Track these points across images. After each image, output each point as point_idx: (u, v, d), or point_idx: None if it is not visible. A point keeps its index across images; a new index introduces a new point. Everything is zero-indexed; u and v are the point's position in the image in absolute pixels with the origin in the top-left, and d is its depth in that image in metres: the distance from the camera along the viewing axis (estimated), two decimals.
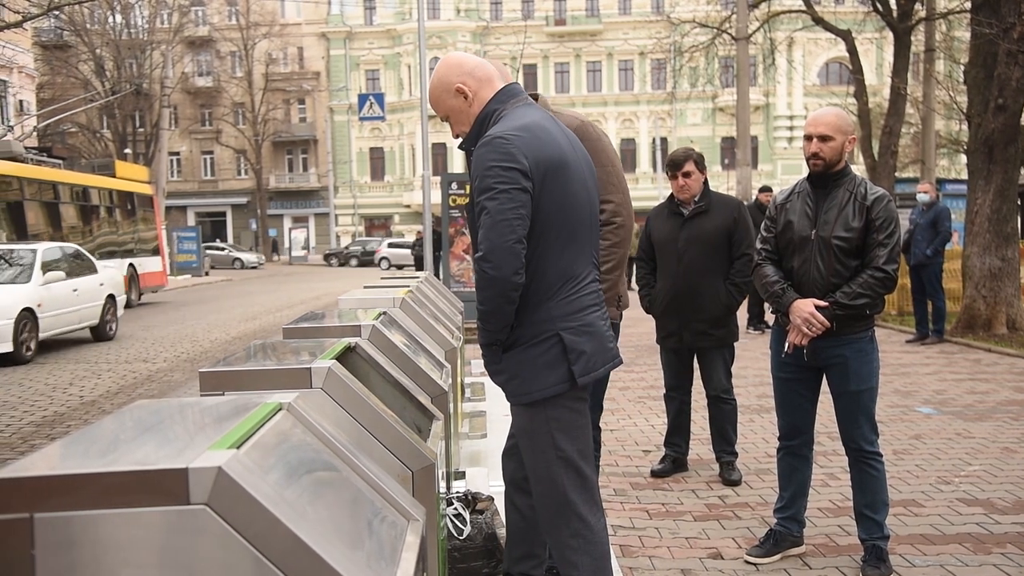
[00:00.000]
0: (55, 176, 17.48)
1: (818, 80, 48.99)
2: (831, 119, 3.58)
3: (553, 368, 2.53)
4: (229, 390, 2.15)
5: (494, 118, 2.60)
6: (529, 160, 2.45)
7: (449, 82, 2.65)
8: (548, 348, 2.52)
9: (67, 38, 41.44)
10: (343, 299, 4.67)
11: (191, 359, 10.66)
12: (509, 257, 2.41)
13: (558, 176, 2.51)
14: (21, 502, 1.19)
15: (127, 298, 19.37)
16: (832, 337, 3.56)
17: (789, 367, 3.71)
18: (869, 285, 3.48)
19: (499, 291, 2.44)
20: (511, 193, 2.42)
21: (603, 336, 2.62)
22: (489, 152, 2.46)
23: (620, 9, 51.72)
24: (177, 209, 50.27)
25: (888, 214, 3.52)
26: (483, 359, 2.66)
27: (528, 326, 2.53)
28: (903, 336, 11.20)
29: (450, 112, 2.69)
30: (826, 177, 3.61)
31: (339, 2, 52.42)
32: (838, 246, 3.53)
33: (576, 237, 2.58)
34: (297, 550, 1.23)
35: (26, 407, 7.77)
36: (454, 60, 2.71)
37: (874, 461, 3.64)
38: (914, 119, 23.23)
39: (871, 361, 3.61)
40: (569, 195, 2.55)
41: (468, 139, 2.68)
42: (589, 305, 2.60)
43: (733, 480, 4.91)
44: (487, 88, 2.65)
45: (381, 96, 20.05)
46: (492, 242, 2.41)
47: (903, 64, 15.88)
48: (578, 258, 2.59)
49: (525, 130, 2.50)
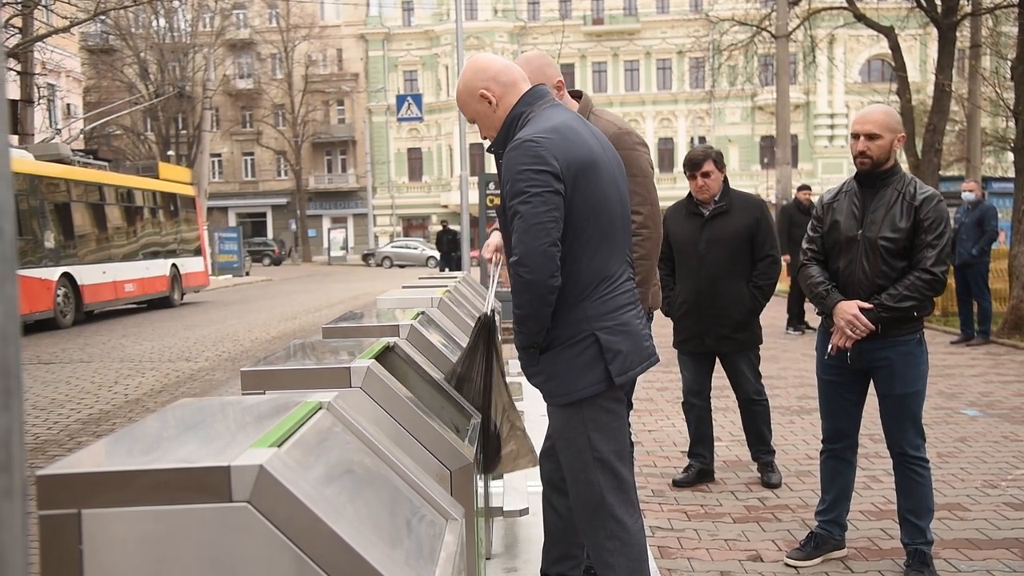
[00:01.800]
0: (101, 178, 17.80)
1: (860, 78, 48.30)
2: (879, 116, 3.50)
3: (590, 368, 2.52)
4: (270, 389, 2.17)
5: (522, 121, 2.59)
6: (560, 162, 2.44)
7: (474, 87, 2.65)
8: (585, 348, 2.51)
9: (113, 42, 42.24)
10: (381, 299, 4.70)
11: (232, 358, 10.79)
12: (544, 260, 2.40)
13: (589, 176, 2.50)
14: (69, 498, 1.22)
15: (170, 298, 19.72)
16: (878, 339, 3.48)
17: (834, 369, 3.65)
18: (916, 287, 3.40)
19: (536, 295, 2.43)
20: (544, 196, 2.41)
21: (639, 335, 2.60)
22: (519, 155, 2.45)
23: (658, 8, 51.43)
24: (218, 210, 50.94)
25: (938, 215, 3.42)
26: (520, 361, 2.66)
27: (564, 327, 2.52)
28: (948, 337, 11.01)
29: (476, 116, 2.69)
30: (873, 176, 3.52)
31: (378, 4, 52.77)
32: (884, 247, 3.45)
33: (609, 236, 2.57)
34: (337, 548, 1.24)
35: (73, 404, 7.93)
36: (479, 64, 2.70)
37: (919, 466, 3.56)
38: (959, 116, 22.81)
39: (918, 364, 3.52)
40: (601, 195, 2.53)
41: (496, 143, 2.68)
42: (624, 304, 2.58)
43: (773, 483, 4.83)
44: (512, 92, 2.64)
45: (419, 97, 20.14)
46: (527, 246, 2.41)
47: (948, 60, 15.58)
48: (612, 257, 2.58)
49: (554, 132, 2.49)
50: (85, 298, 16.00)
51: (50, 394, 8.48)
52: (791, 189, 17.73)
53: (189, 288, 21.22)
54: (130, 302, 18.58)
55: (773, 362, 9.14)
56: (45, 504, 1.22)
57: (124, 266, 17.90)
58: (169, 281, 19.87)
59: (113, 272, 17.31)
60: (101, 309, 17.22)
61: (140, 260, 18.75)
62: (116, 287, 17.35)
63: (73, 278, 15.66)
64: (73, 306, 15.65)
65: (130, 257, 18.33)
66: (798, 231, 11.78)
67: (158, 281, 19.36)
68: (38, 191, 15.12)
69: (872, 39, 39.60)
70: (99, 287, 16.62)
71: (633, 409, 3.97)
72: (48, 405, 7.91)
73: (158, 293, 19.36)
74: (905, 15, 17.55)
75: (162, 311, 18.83)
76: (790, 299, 12.01)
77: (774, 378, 8.23)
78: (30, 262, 14.41)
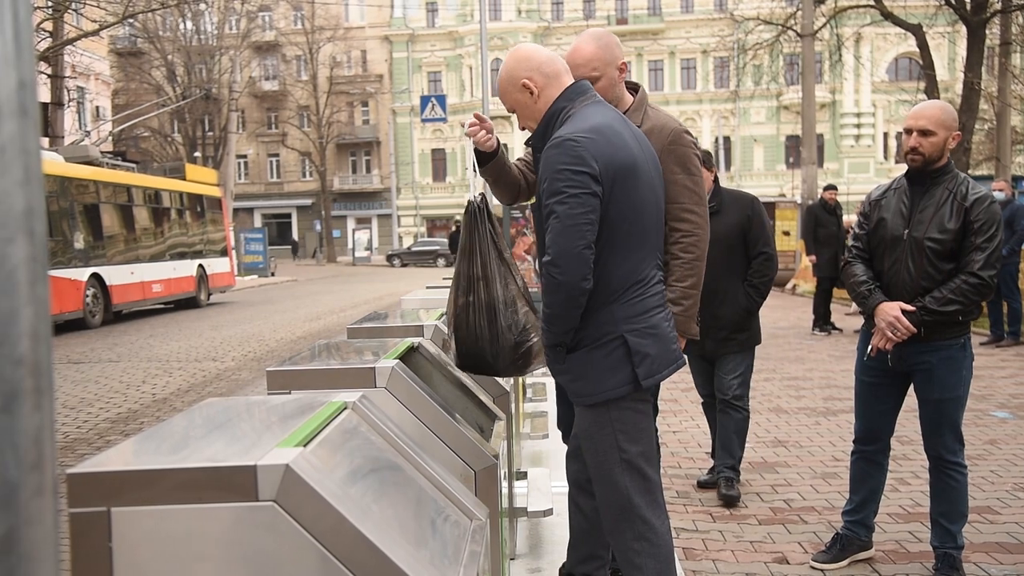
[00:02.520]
0: (129, 179, 17.98)
1: (887, 76, 47.84)
2: (934, 112, 3.38)
3: (617, 370, 2.51)
4: (295, 389, 2.19)
5: (562, 116, 2.57)
6: (600, 164, 2.42)
7: (516, 76, 2.63)
8: (612, 350, 2.50)
9: (140, 45, 42.68)
10: (405, 299, 4.71)
11: (258, 358, 10.87)
12: (578, 263, 2.39)
13: (627, 180, 2.48)
14: (99, 496, 1.23)
15: (196, 298, 19.89)
16: (920, 343, 3.39)
17: (873, 371, 3.57)
18: (962, 291, 3.29)
19: (567, 296, 2.42)
20: (581, 198, 2.39)
21: (667, 338, 2.59)
22: (559, 154, 2.43)
23: (682, 7, 51.23)
24: (244, 211, 51.33)
25: (989, 216, 3.30)
26: (546, 359, 2.65)
27: (593, 327, 2.51)
28: (977, 339, 10.87)
29: (516, 105, 2.67)
30: (924, 174, 3.41)
31: (402, 5, 52.95)
32: (931, 248, 3.34)
33: (643, 240, 2.55)
34: (362, 547, 1.25)
35: (102, 404, 8.02)
36: (523, 53, 2.66)
37: (955, 471, 3.49)
38: (988, 115, 22.54)
39: (960, 370, 3.43)
40: (637, 199, 2.51)
41: (535, 136, 2.66)
42: (654, 307, 2.57)
43: (732, 496, 4.55)
44: (554, 84, 2.61)
45: (443, 98, 20.20)
46: (561, 247, 2.39)
47: (977, 58, 15.40)
48: (644, 261, 2.56)
49: (596, 132, 2.46)
50: (113, 298, 16.18)
51: (79, 393, 8.58)
52: (817, 189, 17.59)
53: (215, 288, 21.39)
54: (158, 302, 18.76)
55: (799, 363, 9.07)
56: (75, 502, 1.23)
57: (152, 267, 18.07)
58: (196, 281, 20.03)
59: (141, 272, 17.49)
60: (129, 309, 17.41)
61: (167, 261, 18.91)
62: (144, 287, 17.54)
63: (102, 278, 15.85)
64: (102, 306, 15.84)
65: (158, 258, 18.52)
66: (824, 231, 11.70)
67: (185, 281, 19.52)
68: (67, 193, 15.31)
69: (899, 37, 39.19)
70: (127, 287, 16.81)
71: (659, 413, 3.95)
72: (78, 404, 8.01)
73: (185, 293, 19.52)
74: (933, 12, 17.35)
75: (189, 311, 19.00)
76: (816, 300, 11.92)
77: (800, 379, 8.16)
78: (59, 263, 14.59)
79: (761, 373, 8.34)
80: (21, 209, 0.62)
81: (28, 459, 0.61)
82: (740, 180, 48.83)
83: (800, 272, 18.32)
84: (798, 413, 6.76)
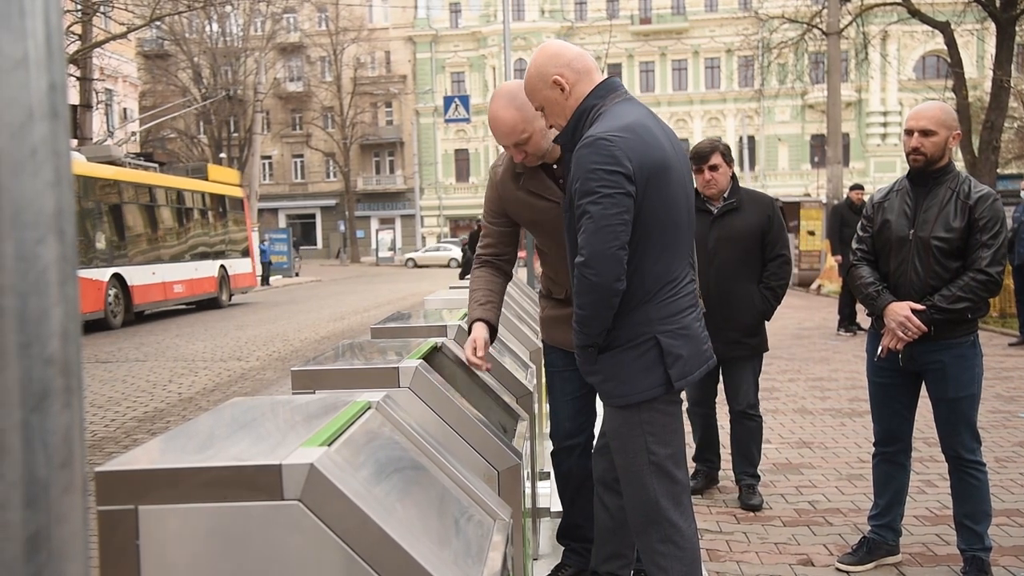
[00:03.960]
0: (151, 179, 18.07)
1: (914, 74, 47.34)
2: (934, 113, 3.41)
3: (650, 371, 2.49)
4: (320, 388, 2.20)
5: (592, 114, 2.53)
6: (633, 163, 2.39)
7: (546, 72, 2.58)
8: (645, 351, 2.48)
9: (167, 47, 43.11)
10: (429, 299, 4.72)
11: (283, 358, 10.94)
12: (612, 263, 2.37)
13: (660, 179, 2.45)
14: (127, 494, 1.25)
15: (218, 299, 19.97)
16: (930, 342, 3.40)
17: (885, 372, 3.57)
18: (970, 288, 3.31)
19: (600, 297, 2.40)
20: (615, 198, 2.36)
21: (699, 339, 2.58)
22: (592, 154, 2.40)
23: (707, 6, 50.99)
24: (268, 211, 51.68)
25: (993, 213, 3.34)
26: (577, 359, 2.63)
27: (625, 328, 2.49)
28: (1006, 339, 10.74)
29: (545, 103, 2.62)
30: (927, 174, 3.43)
31: (425, 6, 53.11)
32: (937, 247, 3.36)
33: (675, 240, 2.53)
34: (386, 546, 1.25)
35: (129, 403, 8.10)
36: (552, 49, 2.63)
37: (974, 470, 3.48)
38: (1017, 113, 22.26)
39: (972, 367, 3.43)
40: (670, 198, 2.49)
41: (564, 134, 2.62)
42: (686, 307, 2.55)
43: (754, 504, 4.51)
44: (585, 81, 2.58)
45: (466, 98, 20.20)
46: (595, 248, 2.37)
47: (1006, 56, 15.20)
48: (676, 260, 2.54)
49: (629, 131, 2.43)
50: (135, 299, 16.25)
51: (107, 392, 8.68)
52: (843, 188, 17.45)
53: (237, 289, 21.38)
54: (179, 303, 18.77)
55: (824, 364, 9.00)
56: (104, 500, 1.25)
57: (173, 267, 18.10)
58: (217, 282, 20.04)
59: (162, 273, 17.52)
60: (151, 310, 17.48)
61: (189, 261, 18.95)
62: (165, 288, 17.58)
63: (123, 279, 15.92)
64: (123, 307, 15.88)
65: (179, 258, 18.55)
66: (849, 231, 11.58)
67: (207, 282, 19.54)
68: (90, 192, 15.41)
69: (927, 35, 38.77)
70: (149, 287, 16.86)
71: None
72: (105, 403, 8.10)
73: (207, 294, 19.52)
74: (962, 10, 17.15)
75: (213, 312, 19.14)
76: (841, 300, 11.82)
77: (825, 380, 8.10)
78: (81, 263, 14.71)
79: (786, 374, 8.28)
80: (52, 210, 0.63)
81: (58, 457, 0.62)
82: (765, 180, 48.55)
83: (825, 272, 18.17)
84: (823, 414, 6.70)
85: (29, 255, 0.61)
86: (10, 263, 0.60)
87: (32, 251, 0.61)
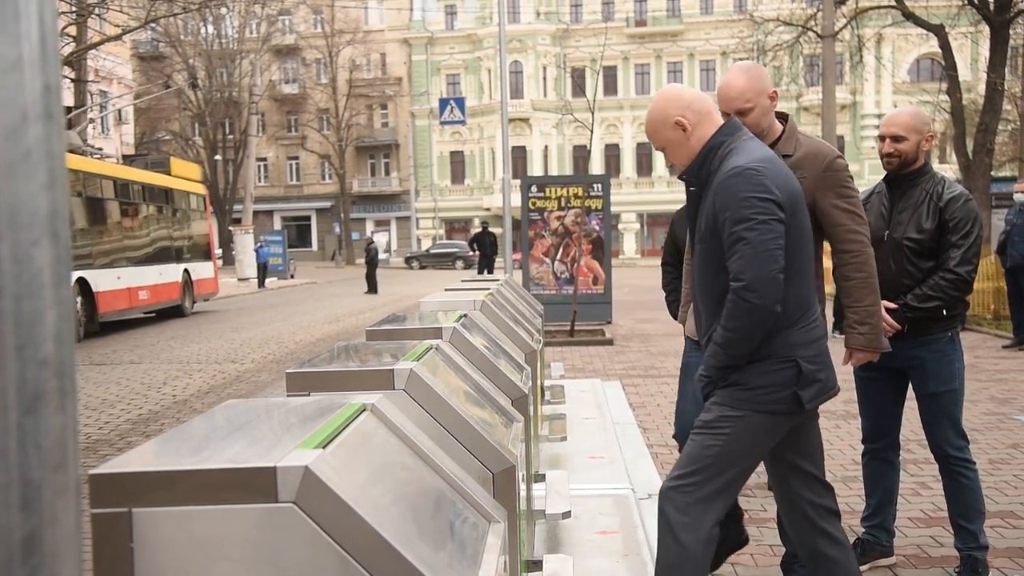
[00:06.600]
0: (112, 171, 16.25)
1: (908, 77, 47.49)
2: (904, 119, 3.53)
3: (782, 388, 2.57)
4: (314, 391, 2.19)
5: (722, 150, 2.62)
6: (781, 192, 2.51)
7: (668, 115, 2.68)
8: (783, 370, 2.56)
9: (162, 49, 43.07)
10: (424, 302, 4.72)
11: (277, 360, 10.93)
12: (773, 286, 2.47)
13: (798, 208, 2.58)
14: (120, 497, 1.24)
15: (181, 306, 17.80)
16: (909, 339, 3.50)
17: (869, 366, 3.63)
18: (940, 288, 3.43)
19: (758, 319, 2.48)
20: (770, 224, 2.47)
21: (831, 367, 2.69)
22: (741, 183, 2.50)
23: (702, 9, 51.05)
24: (264, 214, 51.61)
25: (964, 214, 3.44)
26: (701, 379, 2.66)
27: (767, 350, 2.57)
28: (999, 341, 10.76)
29: (667, 144, 2.73)
30: (901, 177, 3.56)
31: (421, 8, 53.10)
32: (908, 247, 3.49)
33: (808, 269, 2.65)
34: (381, 549, 1.25)
35: (123, 405, 8.08)
36: (673, 93, 2.74)
37: (964, 469, 3.53)
38: (1011, 115, 22.30)
39: (951, 363, 3.53)
40: (805, 226, 2.63)
41: (690, 171, 2.71)
42: (822, 335, 2.68)
43: None
44: (707, 122, 2.68)
45: (462, 100, 20.23)
46: (756, 272, 2.46)
47: (1000, 58, 15.26)
48: (810, 289, 2.66)
49: (769, 162, 2.56)
50: (100, 307, 14.46)
51: (101, 394, 8.66)
52: None
53: (200, 296, 19.60)
54: (143, 311, 17.02)
55: None
56: (97, 502, 1.24)
57: (138, 271, 16.29)
58: (181, 287, 18.32)
59: (127, 278, 15.73)
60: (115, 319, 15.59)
61: (152, 264, 17.07)
62: (131, 294, 15.85)
63: (88, 284, 14.08)
64: (86, 316, 14.05)
65: (143, 261, 16.73)
66: None
67: (171, 288, 17.83)
68: None
69: (921, 38, 38.89)
70: (115, 294, 15.12)
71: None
72: (99, 405, 8.08)
73: (171, 301, 17.83)
74: (956, 13, 17.20)
75: (210, 314, 19.08)
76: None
77: None
78: None
79: None
80: (46, 212, 0.63)
81: (52, 460, 0.62)
82: None
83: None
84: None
85: (23, 257, 0.61)
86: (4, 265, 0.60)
87: (26, 253, 0.61)
